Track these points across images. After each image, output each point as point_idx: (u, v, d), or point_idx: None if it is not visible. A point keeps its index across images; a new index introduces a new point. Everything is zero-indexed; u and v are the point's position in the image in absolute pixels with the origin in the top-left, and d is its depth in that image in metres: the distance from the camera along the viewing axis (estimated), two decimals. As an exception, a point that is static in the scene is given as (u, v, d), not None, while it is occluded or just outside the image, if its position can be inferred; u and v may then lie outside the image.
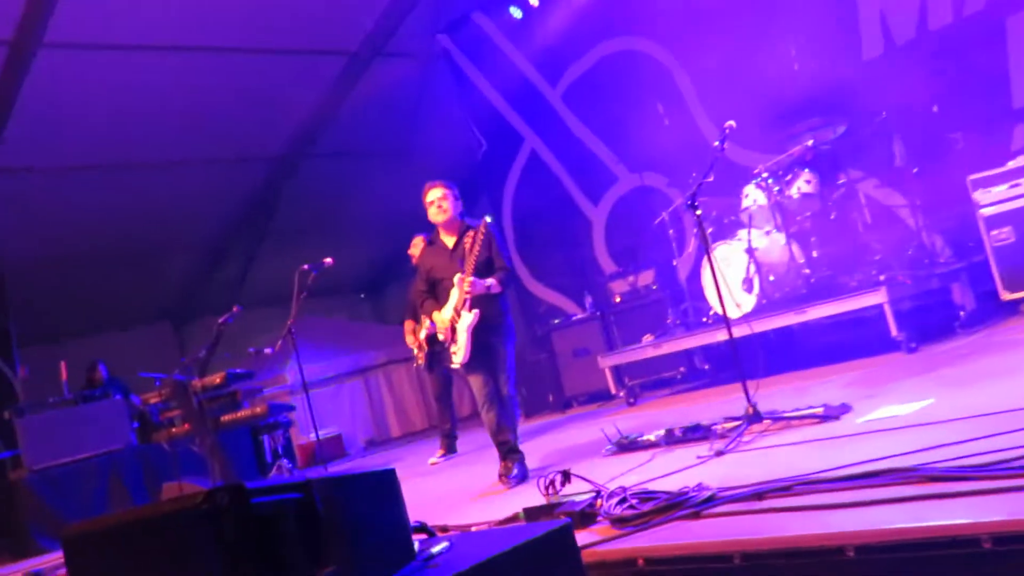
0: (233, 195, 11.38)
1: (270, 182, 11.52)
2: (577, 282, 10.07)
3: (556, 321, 9.22)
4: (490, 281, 5.19)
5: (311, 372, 9.65)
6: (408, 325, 7.74)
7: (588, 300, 9.07)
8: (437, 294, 5.34)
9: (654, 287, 8.42)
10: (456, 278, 5.20)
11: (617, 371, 8.05)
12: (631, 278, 8.61)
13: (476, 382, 5.13)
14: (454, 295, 5.26)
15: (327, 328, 12.25)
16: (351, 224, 12.68)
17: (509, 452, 5.08)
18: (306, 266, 6.72)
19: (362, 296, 14.95)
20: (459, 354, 5.12)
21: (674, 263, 8.10)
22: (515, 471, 5.04)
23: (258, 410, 7.33)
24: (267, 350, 7.64)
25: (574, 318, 9.07)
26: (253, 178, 11.35)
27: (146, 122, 9.53)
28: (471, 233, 5.27)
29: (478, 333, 5.10)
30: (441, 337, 5.29)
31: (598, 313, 8.81)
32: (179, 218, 11.02)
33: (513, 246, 10.66)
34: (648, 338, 7.96)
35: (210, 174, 10.78)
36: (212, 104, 9.80)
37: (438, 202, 5.31)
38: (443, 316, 5.28)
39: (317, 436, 7.09)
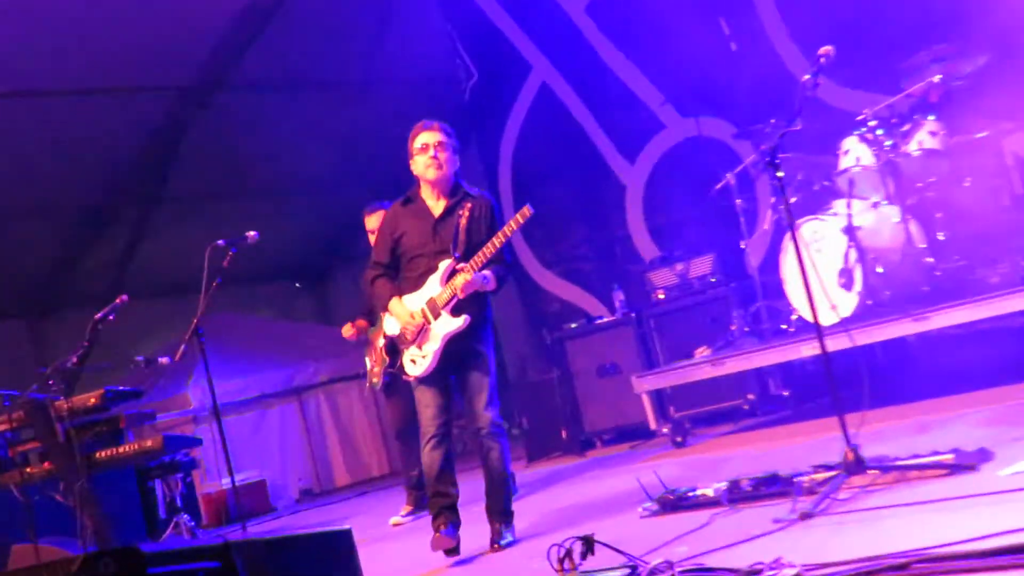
0: (119, 142, 11.35)
1: (170, 124, 11.49)
2: (603, 271, 10.06)
3: (573, 326, 9.25)
4: (489, 275, 5.32)
5: (225, 392, 9.65)
6: (359, 328, 7.73)
7: (618, 297, 9.08)
8: (404, 274, 5.49)
9: (712, 279, 8.43)
10: (446, 265, 5.31)
11: (659, 398, 8.01)
12: (680, 266, 8.63)
13: (431, 402, 5.34)
14: (432, 283, 5.35)
15: (248, 329, 12.27)
16: (284, 185, 12.68)
17: (444, 511, 5.33)
18: (220, 242, 6.72)
19: (298, 286, 14.96)
20: (420, 363, 5.32)
21: (742, 246, 8.12)
22: (509, 536, 5.23)
23: (149, 444, 7.30)
24: (163, 359, 7.62)
25: (599, 321, 9.11)
26: (147, 119, 11.31)
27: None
28: (468, 204, 5.36)
29: (454, 337, 5.30)
30: (401, 336, 5.41)
31: (632, 315, 8.82)
32: (41, 172, 10.98)
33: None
34: (703, 351, 7.93)
35: (88, 112, 10.72)
36: (97, 21, 9.73)
37: (434, 149, 5.39)
38: (408, 306, 5.40)
39: (232, 483, 7.06)
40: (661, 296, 8.70)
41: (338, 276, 14.57)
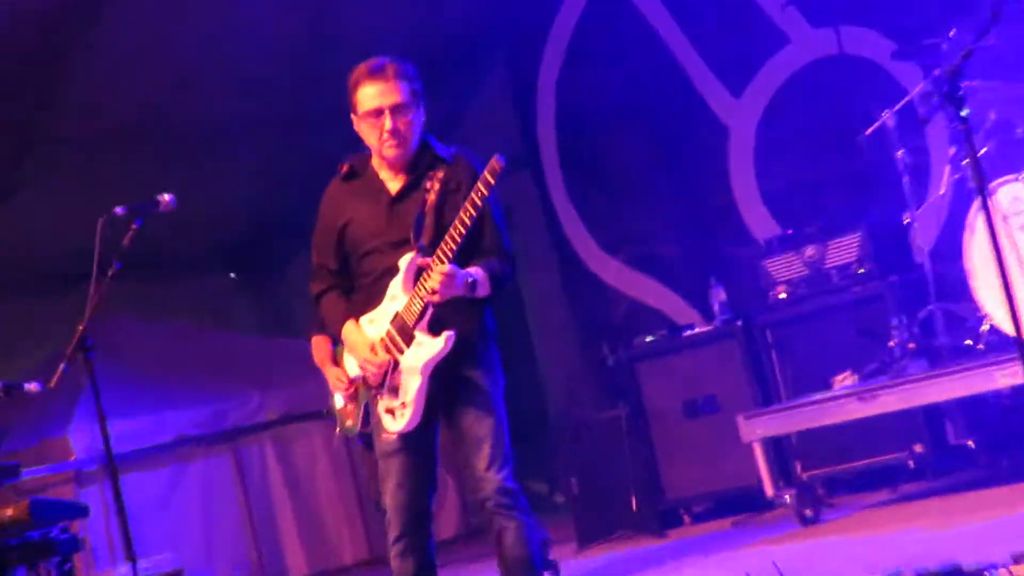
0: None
1: (46, 38, 11.49)
2: (695, 257, 10.10)
3: (649, 339, 9.27)
4: (477, 272, 5.34)
5: (124, 435, 9.60)
6: (320, 347, 7.66)
7: (718, 296, 9.04)
8: (358, 281, 5.66)
9: (860, 270, 8.38)
10: (408, 261, 5.37)
11: (778, 449, 8.01)
12: (811, 251, 8.59)
13: (405, 474, 5.51)
14: (395, 291, 5.44)
15: (160, 342, 12.25)
16: (215, 124, 12.63)
17: None
18: (118, 210, 6.68)
19: (233, 277, 14.95)
20: (401, 416, 5.44)
21: (905, 220, 8.09)
22: None
23: (9, 514, 7.32)
24: (30, 386, 7.57)
25: (688, 333, 9.14)
26: (12, 31, 11.32)
27: None
28: (439, 173, 5.46)
29: (442, 368, 5.42)
30: (362, 378, 5.59)
31: (739, 324, 8.82)
32: None
33: (560, 183, 10.75)
34: (845, 379, 7.91)
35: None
36: None
37: (391, 117, 5.44)
38: (368, 333, 5.52)
39: (134, 573, 7.06)
40: (783, 296, 8.67)
41: (293, 264, 14.48)
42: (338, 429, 7.47)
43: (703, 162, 10.08)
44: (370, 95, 5.47)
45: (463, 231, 5.24)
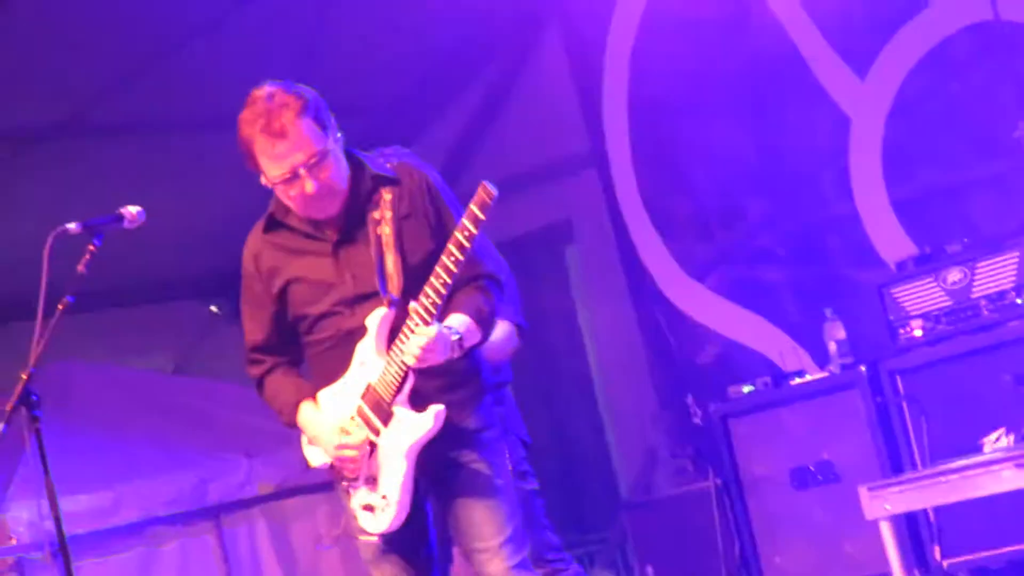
0: None
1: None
2: (805, 283, 10.18)
3: (746, 389, 9.32)
4: (460, 326, 5.38)
5: (79, 514, 9.64)
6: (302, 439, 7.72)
7: (835, 333, 9.04)
8: (309, 350, 5.78)
9: (1019, 300, 8.37)
10: (378, 320, 5.41)
11: (912, 529, 8.05)
12: (956, 275, 8.61)
13: (411, 569, 5.67)
14: (364, 358, 5.47)
15: (125, 393, 12.28)
16: (193, 113, 12.69)
17: None
18: (72, 225, 6.71)
19: (214, 311, 15.01)
20: (383, 513, 5.51)
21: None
22: None
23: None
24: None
25: (796, 381, 9.19)
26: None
27: None
28: (387, 194, 5.45)
29: (428, 448, 5.48)
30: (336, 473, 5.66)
31: (862, 369, 8.83)
32: None
33: (633, 187, 10.80)
34: (999, 439, 7.89)
35: None
36: None
37: (309, 176, 5.38)
38: (331, 414, 5.61)
39: None
40: (918, 333, 8.69)
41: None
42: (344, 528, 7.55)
43: (818, 162, 10.12)
44: (274, 158, 5.38)
45: (448, 280, 5.20)
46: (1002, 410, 8.10)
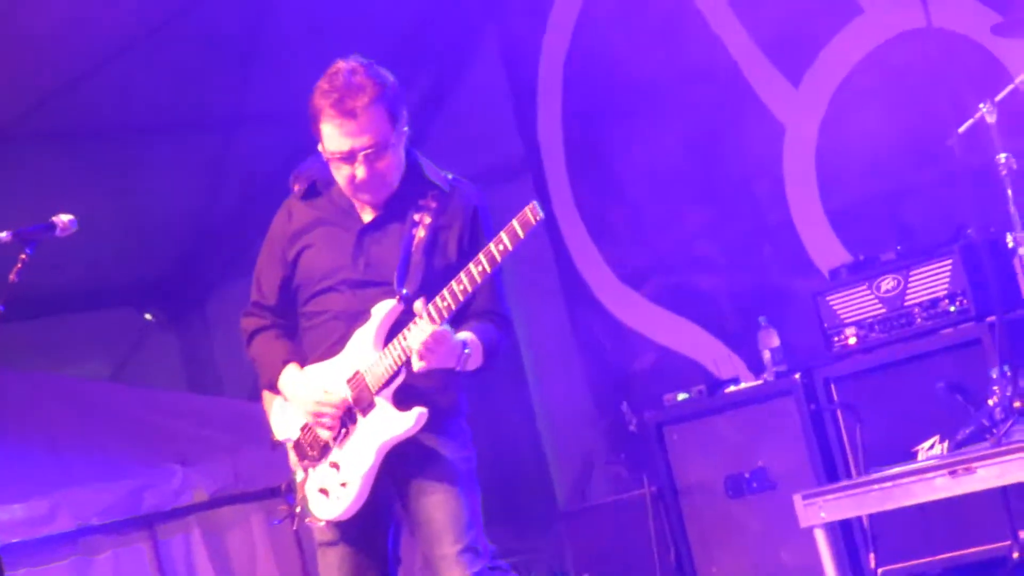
0: None
1: None
2: (741, 291, 10.23)
3: (682, 397, 9.33)
4: (472, 342, 5.40)
5: (8, 523, 9.57)
6: (270, 399, 7.67)
7: (769, 341, 9.06)
8: (304, 321, 5.78)
9: (952, 307, 8.44)
10: (385, 311, 5.41)
11: (848, 537, 8.09)
12: (889, 282, 8.66)
13: (356, 570, 5.65)
14: (360, 342, 5.46)
15: (55, 401, 12.21)
16: (129, 114, 12.62)
17: None
18: (3, 235, 6.67)
19: (149, 319, 14.93)
20: (338, 499, 5.56)
21: (1009, 244, 8.04)
22: None
23: None
24: None
25: (731, 389, 9.22)
26: None
27: None
28: (431, 204, 5.52)
29: (399, 450, 5.53)
30: (304, 444, 5.64)
31: (797, 378, 8.89)
32: None
33: (567, 194, 10.86)
34: (932, 447, 7.93)
35: None
36: None
37: (364, 162, 5.44)
38: (317, 383, 5.52)
39: None
40: (852, 341, 8.74)
41: (226, 300, 14.49)
42: (298, 508, 7.41)
43: (753, 170, 10.17)
44: (336, 135, 5.43)
45: (469, 289, 5.22)
46: (936, 418, 8.13)
